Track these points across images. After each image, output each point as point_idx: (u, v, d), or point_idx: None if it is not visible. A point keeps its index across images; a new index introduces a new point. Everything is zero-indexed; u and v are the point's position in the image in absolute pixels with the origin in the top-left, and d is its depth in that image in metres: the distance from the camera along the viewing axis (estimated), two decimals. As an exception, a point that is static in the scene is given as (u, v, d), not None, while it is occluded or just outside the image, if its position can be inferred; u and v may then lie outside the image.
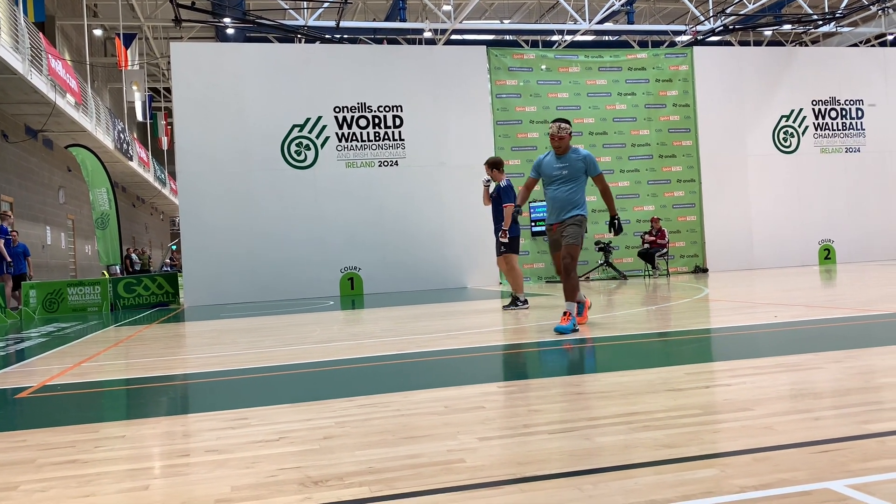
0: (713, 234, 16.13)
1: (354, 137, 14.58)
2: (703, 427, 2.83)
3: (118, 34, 23.15)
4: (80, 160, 15.64)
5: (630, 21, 23.99)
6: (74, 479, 2.58)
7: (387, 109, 14.75)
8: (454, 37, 22.66)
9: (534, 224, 15.35)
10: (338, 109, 14.53)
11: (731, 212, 16.18)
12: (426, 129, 14.87)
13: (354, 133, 14.59)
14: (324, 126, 14.45)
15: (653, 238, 15.28)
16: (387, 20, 23.96)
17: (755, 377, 3.75)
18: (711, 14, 21.94)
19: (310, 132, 14.39)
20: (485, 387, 3.99)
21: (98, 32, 27.39)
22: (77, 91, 19.55)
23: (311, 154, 14.38)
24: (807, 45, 26.72)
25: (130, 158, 26.55)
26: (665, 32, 24.46)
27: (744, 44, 28.12)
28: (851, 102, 17.06)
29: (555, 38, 24.97)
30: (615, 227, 6.48)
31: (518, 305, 8.73)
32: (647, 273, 15.51)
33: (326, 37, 19.89)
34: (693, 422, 2.91)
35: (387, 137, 14.73)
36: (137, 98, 25.94)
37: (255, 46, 15.87)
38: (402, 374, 4.62)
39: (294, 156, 14.31)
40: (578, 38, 24.06)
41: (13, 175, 18.80)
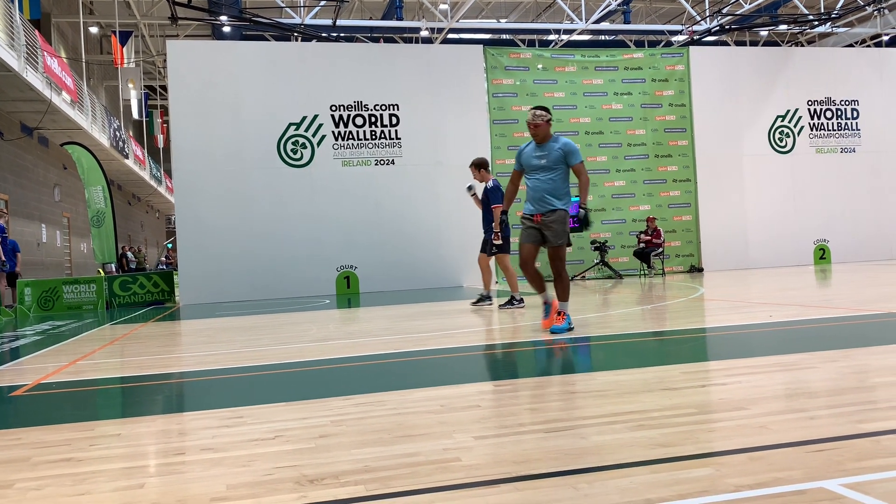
0: (709, 234, 16.15)
1: (351, 136, 14.58)
2: (699, 426, 2.83)
3: (114, 32, 23.11)
4: (76, 158, 15.61)
5: (626, 21, 24.03)
6: (69, 478, 2.58)
7: (383, 108, 14.74)
8: (451, 36, 22.67)
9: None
10: (334, 108, 14.51)
11: (727, 211, 16.21)
12: (423, 128, 14.87)
13: (351, 132, 14.58)
14: (320, 125, 14.43)
15: (648, 237, 15.30)
16: (383, 19, 23.95)
17: (750, 376, 3.76)
18: (708, 14, 21.96)
19: (306, 131, 14.37)
20: (481, 386, 3.99)
21: (94, 30, 27.33)
22: (73, 89, 19.50)
23: (308, 152, 14.37)
24: (802, 46, 26.77)
25: (126, 156, 26.49)
26: (661, 32, 24.47)
27: (740, 44, 28.15)
28: (847, 103, 17.10)
29: (551, 38, 24.98)
30: (581, 220, 6.14)
31: (514, 304, 8.77)
32: (643, 272, 15.53)
33: (323, 35, 19.86)
34: (688, 421, 2.91)
35: (383, 136, 14.72)
36: (133, 96, 25.91)
37: (252, 44, 15.83)
38: (398, 373, 4.62)
39: (290, 154, 14.29)
40: (575, 38, 24.07)
41: (8, 173, 18.74)
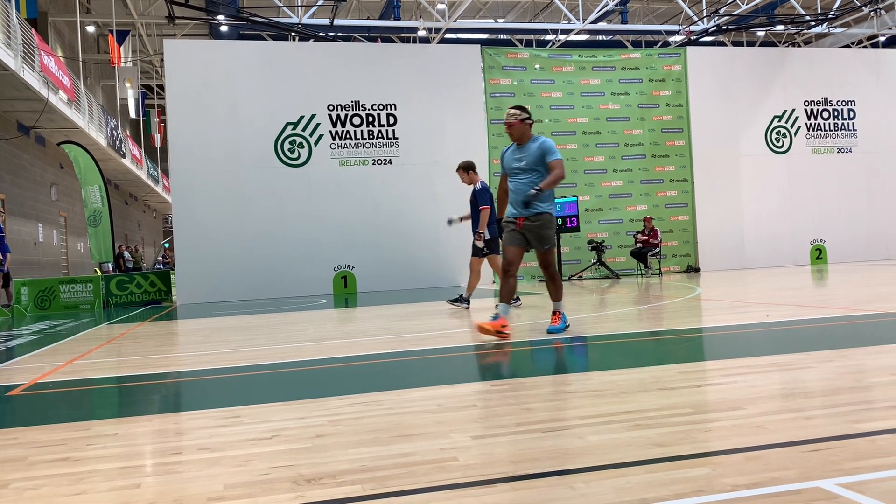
0: (705, 234, 16.17)
1: (348, 136, 14.57)
2: (695, 426, 2.84)
3: (111, 31, 23.06)
4: (73, 157, 15.59)
5: (624, 21, 24.06)
6: (66, 478, 2.57)
7: (381, 108, 14.73)
8: (448, 35, 22.68)
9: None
10: (332, 107, 14.51)
11: (724, 211, 16.23)
12: (420, 128, 14.86)
13: (348, 131, 14.57)
14: (317, 124, 14.43)
15: (645, 237, 15.31)
16: (381, 18, 23.96)
17: (747, 376, 3.77)
18: (705, 14, 22.00)
19: (303, 130, 14.36)
20: (477, 385, 4.00)
21: (91, 29, 27.27)
22: (69, 88, 19.46)
23: (305, 152, 14.36)
24: (799, 46, 26.80)
25: (123, 156, 26.45)
26: (658, 32, 24.51)
27: (737, 44, 28.20)
28: (843, 103, 17.13)
29: (549, 38, 24.99)
30: (526, 197, 5.77)
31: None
32: (640, 272, 15.54)
33: (320, 35, 19.86)
34: (685, 421, 2.92)
35: (381, 136, 14.72)
36: (130, 95, 25.86)
37: (249, 44, 15.81)
38: (395, 373, 4.62)
39: (287, 154, 14.28)
40: (572, 38, 24.10)
41: (5, 172, 18.70)
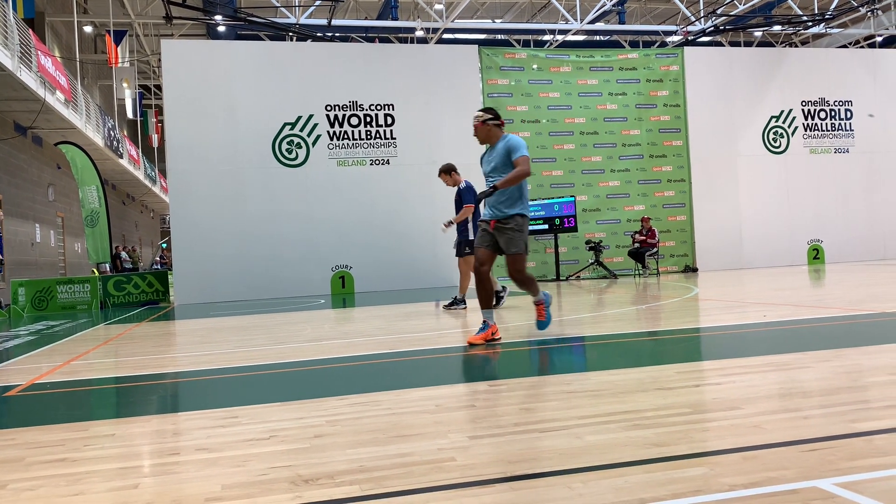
0: (703, 234, 16.19)
1: (346, 136, 14.56)
2: (693, 426, 2.84)
3: (108, 31, 23.03)
4: (70, 157, 15.56)
5: (621, 21, 24.05)
6: (63, 478, 2.57)
7: (378, 108, 14.73)
8: (446, 36, 22.67)
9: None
10: (329, 108, 14.50)
11: (721, 212, 16.25)
12: (418, 128, 14.86)
13: (346, 131, 14.57)
14: (315, 124, 14.42)
15: (643, 237, 15.32)
16: (378, 19, 23.93)
17: (744, 376, 3.77)
18: (702, 14, 22.01)
19: (301, 130, 14.36)
20: (475, 385, 4.00)
21: (88, 29, 27.22)
22: (67, 88, 19.43)
23: (303, 152, 14.35)
24: (797, 47, 26.84)
25: (120, 156, 26.41)
26: (656, 33, 24.52)
27: (734, 44, 28.22)
28: (840, 103, 17.15)
29: (546, 38, 24.99)
30: (481, 194, 5.65)
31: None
32: (638, 272, 15.55)
33: (318, 35, 19.84)
34: (682, 420, 2.92)
35: (378, 136, 14.71)
36: (128, 95, 25.80)
37: (247, 44, 15.80)
38: (394, 373, 4.62)
39: (285, 154, 14.28)
40: (570, 38, 24.09)
41: (2, 172, 18.66)
